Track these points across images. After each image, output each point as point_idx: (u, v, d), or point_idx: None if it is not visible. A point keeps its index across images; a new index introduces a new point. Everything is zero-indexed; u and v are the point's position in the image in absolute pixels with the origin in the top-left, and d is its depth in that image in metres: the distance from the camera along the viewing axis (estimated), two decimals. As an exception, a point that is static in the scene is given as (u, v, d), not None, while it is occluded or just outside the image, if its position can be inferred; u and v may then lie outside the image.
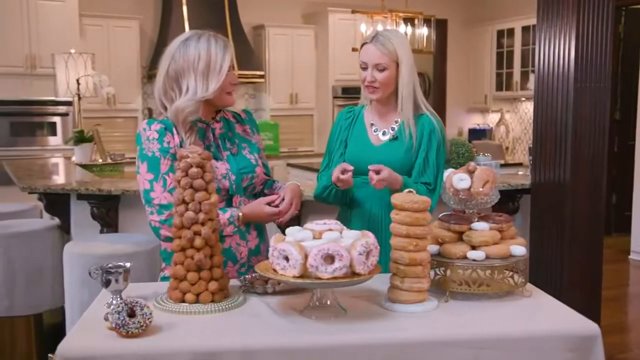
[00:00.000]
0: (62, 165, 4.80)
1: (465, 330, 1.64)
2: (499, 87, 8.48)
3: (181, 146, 2.03)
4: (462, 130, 9.07)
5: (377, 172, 2.18)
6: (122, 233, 3.42)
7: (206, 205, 1.73)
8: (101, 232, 3.48)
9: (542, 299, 1.86)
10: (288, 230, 1.71)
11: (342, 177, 2.19)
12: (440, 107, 9.16)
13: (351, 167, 2.20)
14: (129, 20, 6.93)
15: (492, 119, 8.93)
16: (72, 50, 5.20)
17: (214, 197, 1.76)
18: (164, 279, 2.12)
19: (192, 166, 1.74)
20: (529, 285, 1.89)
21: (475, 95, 8.86)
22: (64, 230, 3.59)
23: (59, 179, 4.06)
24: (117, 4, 7.03)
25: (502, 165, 6.04)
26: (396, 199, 1.75)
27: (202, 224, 1.73)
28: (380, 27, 5.94)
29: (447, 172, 1.95)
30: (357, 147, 2.42)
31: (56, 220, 3.62)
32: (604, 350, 3.74)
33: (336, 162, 2.44)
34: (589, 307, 3.44)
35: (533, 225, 3.60)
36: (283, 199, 2.12)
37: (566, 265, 3.41)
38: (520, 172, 4.66)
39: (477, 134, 8.76)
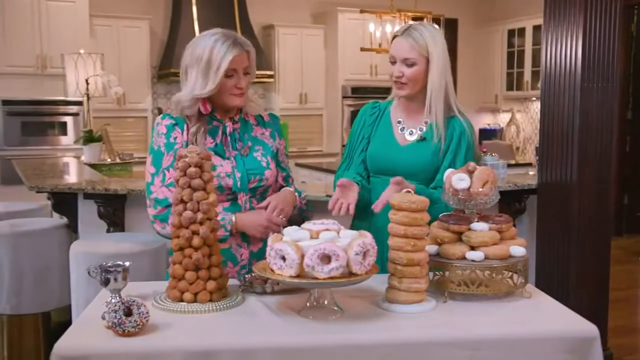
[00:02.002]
0: (72, 165, 4.84)
1: (462, 331, 1.63)
2: (509, 87, 8.45)
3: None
4: (472, 130, 9.03)
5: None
6: (128, 232, 3.44)
7: (204, 204, 1.74)
8: (108, 231, 3.50)
9: (541, 300, 1.84)
10: (285, 230, 1.72)
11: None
12: (450, 107, 9.12)
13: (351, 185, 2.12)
14: (138, 20, 6.98)
15: (502, 118, 8.89)
16: (82, 51, 5.24)
17: (213, 197, 1.77)
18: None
19: (190, 166, 1.74)
20: (529, 286, 1.87)
21: (485, 95, 8.82)
22: (72, 229, 3.62)
23: (67, 178, 4.09)
24: (127, 4, 7.08)
25: (512, 166, 6.01)
26: (394, 199, 1.74)
27: (201, 223, 1.74)
28: (388, 29, 5.93)
29: (447, 172, 1.94)
30: (381, 145, 2.30)
31: (64, 219, 3.65)
32: (613, 352, 3.70)
33: (356, 161, 2.34)
34: (596, 307, 3.42)
35: (540, 226, 3.58)
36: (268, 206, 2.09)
37: (573, 266, 3.39)
38: (531, 172, 4.64)
39: (487, 133, 8.73)
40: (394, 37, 2.27)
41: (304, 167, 6.49)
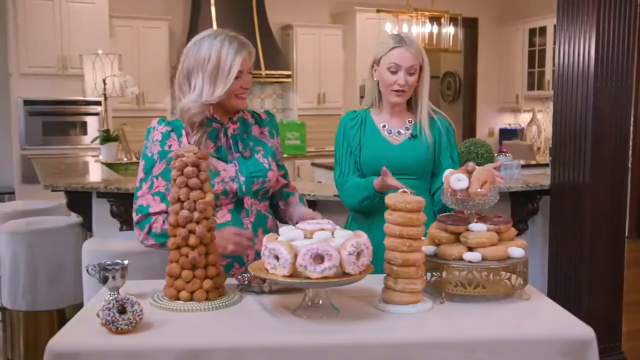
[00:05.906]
0: (90, 164, 4.90)
1: (456, 332, 1.62)
2: (530, 87, 8.34)
3: None
4: (492, 130, 8.95)
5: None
6: (140, 231, 3.48)
7: (201, 204, 1.75)
8: (121, 229, 3.55)
9: (540, 302, 1.82)
10: (281, 230, 1.72)
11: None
12: (470, 107, 9.06)
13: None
14: (158, 21, 7.03)
15: (523, 118, 8.78)
16: (100, 51, 5.31)
17: (209, 196, 1.78)
18: None
19: (187, 165, 1.76)
20: (529, 288, 1.85)
21: (506, 94, 8.73)
22: (86, 227, 3.67)
23: (83, 177, 4.15)
24: (147, 5, 7.15)
25: (532, 166, 5.93)
26: (390, 199, 1.74)
27: (197, 222, 1.75)
28: (405, 29, 5.91)
29: (446, 172, 1.93)
30: (374, 148, 2.39)
31: (79, 218, 3.70)
32: (627, 356, 3.61)
33: (352, 168, 2.42)
34: (609, 310, 3.37)
35: (552, 227, 3.54)
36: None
37: (586, 268, 3.34)
38: (549, 173, 4.58)
39: (508, 133, 8.64)
40: (394, 47, 2.32)
41: (321, 167, 6.48)
